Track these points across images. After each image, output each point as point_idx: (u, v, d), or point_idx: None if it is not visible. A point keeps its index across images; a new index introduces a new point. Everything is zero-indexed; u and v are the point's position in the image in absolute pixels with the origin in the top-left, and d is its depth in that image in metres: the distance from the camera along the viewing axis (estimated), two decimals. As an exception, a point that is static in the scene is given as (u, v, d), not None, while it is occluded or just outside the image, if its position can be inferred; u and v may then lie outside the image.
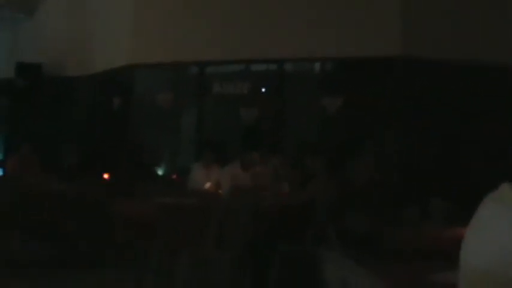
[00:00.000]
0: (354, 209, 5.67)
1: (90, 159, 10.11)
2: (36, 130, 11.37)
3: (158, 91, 10.73)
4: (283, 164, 8.46)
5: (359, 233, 5.36)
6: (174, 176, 9.87)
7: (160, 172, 10.36)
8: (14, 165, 9.00)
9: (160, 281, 6.14)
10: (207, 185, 7.89)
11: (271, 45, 9.59)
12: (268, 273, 5.93)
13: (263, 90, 10.24)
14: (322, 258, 3.41)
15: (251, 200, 6.64)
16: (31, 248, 7.47)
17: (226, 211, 6.26)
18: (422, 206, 5.91)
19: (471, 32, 8.96)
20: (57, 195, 7.68)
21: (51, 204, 7.51)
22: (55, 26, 12.52)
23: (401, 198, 6.57)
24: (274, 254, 5.89)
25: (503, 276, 1.45)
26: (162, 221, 6.15)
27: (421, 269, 3.55)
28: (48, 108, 12.20)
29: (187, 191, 7.82)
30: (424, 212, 5.83)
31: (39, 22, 12.88)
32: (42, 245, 7.64)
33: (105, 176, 8.91)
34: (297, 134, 9.67)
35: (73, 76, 12.18)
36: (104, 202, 7.18)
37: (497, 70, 8.71)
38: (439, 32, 8.93)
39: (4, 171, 9.93)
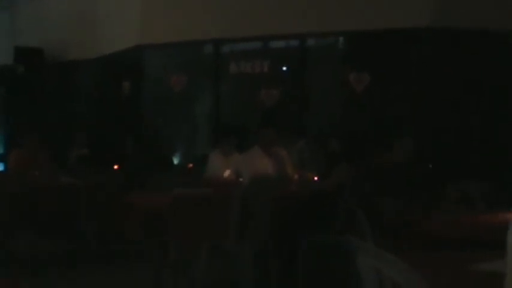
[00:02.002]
0: (387, 194, 5.65)
1: (100, 149, 10.15)
2: (39, 120, 11.40)
3: (170, 73, 10.74)
4: (307, 148, 8.44)
5: (393, 220, 5.34)
6: (190, 165, 9.87)
7: (175, 161, 10.38)
8: (17, 159, 8.99)
9: (179, 277, 6.16)
10: (226, 173, 7.88)
11: (292, 19, 9.54)
12: (294, 266, 5.93)
13: (284, 68, 10.21)
14: (354, 249, 3.38)
15: (274, 187, 6.63)
16: (41, 247, 7.52)
17: (247, 200, 6.26)
18: (462, 190, 5.87)
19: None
20: (66, 190, 7.71)
21: (60, 200, 7.55)
22: (56, 6, 12.54)
23: (439, 181, 6.52)
24: (301, 245, 5.88)
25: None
26: (179, 213, 6.16)
27: (463, 258, 3.52)
28: (51, 96, 12.21)
29: (205, 180, 7.82)
30: (465, 196, 5.79)
31: (40, 3, 12.89)
32: (52, 243, 7.69)
33: (116, 167, 8.93)
34: (322, 115, 9.64)
35: (77, 60, 12.19)
36: (116, 195, 7.20)
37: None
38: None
39: (6, 166, 9.93)
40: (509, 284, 2.71)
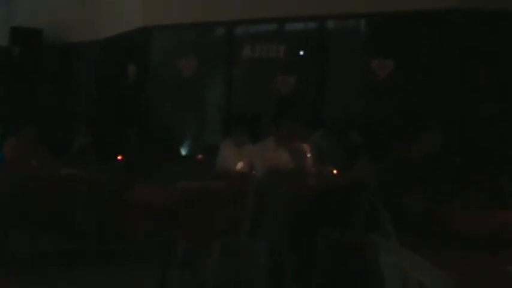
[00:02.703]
0: (412, 190, 5.65)
1: (103, 139, 10.19)
2: (37, 107, 11.42)
3: (179, 57, 10.75)
4: (326, 139, 8.45)
5: (418, 217, 5.34)
6: (200, 156, 9.90)
7: (183, 152, 10.40)
8: (13, 149, 9.01)
9: (187, 275, 6.19)
10: (239, 165, 7.89)
11: (311, 0, 9.54)
12: (312, 265, 5.95)
13: (301, 53, 10.20)
14: (376, 248, 3.40)
15: (290, 181, 6.64)
16: (41, 244, 7.55)
17: (261, 195, 6.27)
18: (493, 185, 5.86)
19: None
20: (67, 182, 7.74)
21: (61, 193, 7.58)
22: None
23: (467, 176, 6.51)
24: (318, 243, 5.90)
25: None
26: (188, 207, 6.18)
27: (493, 258, 3.53)
28: (50, 81, 12.23)
29: (216, 172, 7.84)
30: (496, 192, 5.78)
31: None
32: (53, 240, 7.73)
33: (119, 157, 8.97)
34: (342, 105, 9.64)
35: (78, 42, 12.22)
36: (121, 188, 7.23)
37: None
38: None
39: (1, 156, 9.93)
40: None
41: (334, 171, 7.46)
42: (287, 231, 6.16)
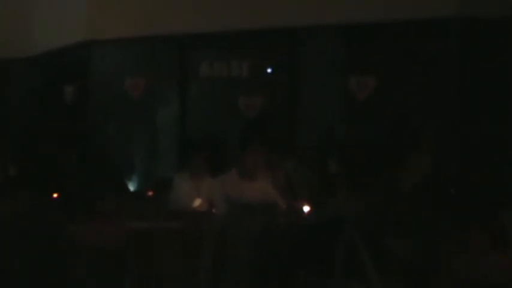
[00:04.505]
0: (398, 227, 5.65)
1: (34, 168, 10.09)
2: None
3: (125, 75, 10.74)
4: (298, 170, 8.45)
5: (406, 260, 5.33)
6: (150, 192, 9.86)
7: (131, 186, 10.35)
8: None
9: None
10: (196, 202, 7.87)
11: (279, 8, 9.58)
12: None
13: (269, 71, 10.23)
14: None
15: (256, 220, 6.62)
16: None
17: (223, 236, 6.25)
18: (494, 221, 5.87)
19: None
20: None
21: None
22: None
23: (466, 211, 6.53)
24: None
25: None
26: (137, 253, 6.15)
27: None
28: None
29: (169, 210, 7.81)
30: (497, 230, 5.80)
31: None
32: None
33: (55, 194, 8.90)
34: (316, 129, 9.66)
35: (7, 59, 12.16)
36: (57, 229, 7.15)
37: None
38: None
39: None
40: None
41: (308, 208, 7.46)
42: (254, 279, 6.13)
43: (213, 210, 7.51)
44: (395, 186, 5.86)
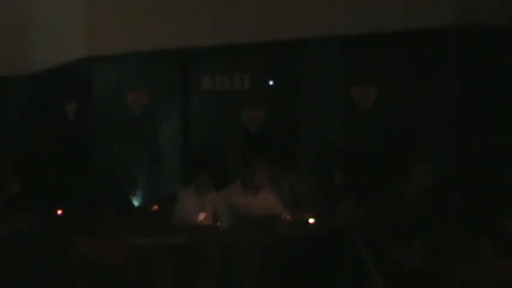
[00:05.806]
0: (403, 239, 5.68)
1: (37, 187, 10.12)
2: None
3: (127, 91, 10.75)
4: (303, 182, 8.47)
5: (412, 271, 5.36)
6: (155, 206, 9.88)
7: (135, 202, 10.35)
8: None
9: None
10: (201, 216, 7.90)
11: (281, 21, 9.60)
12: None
13: (271, 83, 10.24)
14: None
15: (261, 233, 6.65)
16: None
17: (227, 250, 6.28)
18: (499, 229, 5.90)
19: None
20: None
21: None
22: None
23: (471, 221, 6.57)
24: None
25: None
26: (142, 268, 6.16)
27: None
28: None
29: (174, 225, 7.84)
30: (503, 238, 5.82)
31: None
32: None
33: (59, 211, 8.93)
34: (320, 141, 9.67)
35: (7, 76, 12.19)
36: (61, 245, 7.17)
37: None
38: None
39: None
40: None
41: (313, 219, 7.49)
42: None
43: (218, 224, 7.54)
44: (398, 196, 5.90)
